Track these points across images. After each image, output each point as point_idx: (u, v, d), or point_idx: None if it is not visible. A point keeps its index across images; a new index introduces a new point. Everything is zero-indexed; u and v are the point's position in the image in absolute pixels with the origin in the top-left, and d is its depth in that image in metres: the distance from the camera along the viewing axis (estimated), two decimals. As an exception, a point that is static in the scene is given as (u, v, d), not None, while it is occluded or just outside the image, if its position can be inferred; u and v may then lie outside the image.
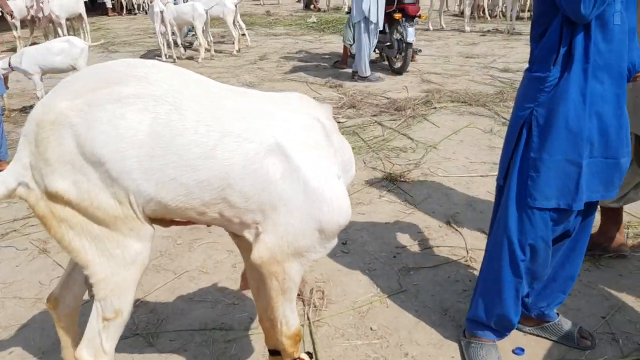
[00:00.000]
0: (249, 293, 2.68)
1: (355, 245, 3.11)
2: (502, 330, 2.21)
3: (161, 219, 1.64)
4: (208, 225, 1.75)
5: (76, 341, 1.98)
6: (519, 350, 2.25)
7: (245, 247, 1.69)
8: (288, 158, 1.54)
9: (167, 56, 9.02)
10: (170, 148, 1.46)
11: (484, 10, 12.79)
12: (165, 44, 8.95)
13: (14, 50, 9.82)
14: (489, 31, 10.94)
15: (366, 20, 6.90)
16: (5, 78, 5.70)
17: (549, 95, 1.90)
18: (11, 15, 8.60)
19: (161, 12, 8.63)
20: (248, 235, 1.63)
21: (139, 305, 2.61)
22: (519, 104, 2.02)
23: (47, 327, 2.43)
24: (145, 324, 2.46)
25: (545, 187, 1.94)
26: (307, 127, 1.62)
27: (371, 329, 2.42)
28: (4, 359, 2.28)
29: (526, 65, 2.04)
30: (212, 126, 1.50)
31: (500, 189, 2.13)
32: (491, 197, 3.69)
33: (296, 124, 1.61)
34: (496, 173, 2.17)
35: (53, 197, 1.50)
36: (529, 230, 2.00)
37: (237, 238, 1.76)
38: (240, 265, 2.93)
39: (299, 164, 1.54)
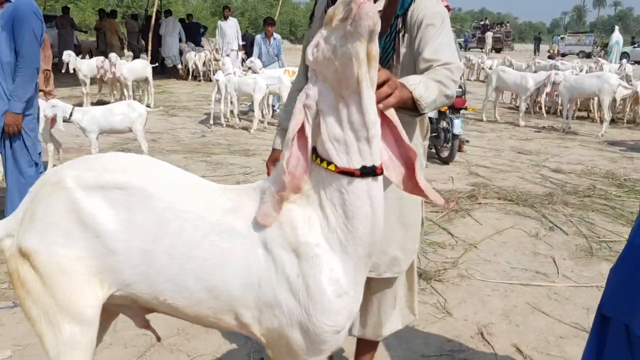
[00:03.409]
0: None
1: (378, 348, 2.93)
2: None
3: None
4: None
5: None
6: None
7: None
8: (270, 254, 1.48)
9: (223, 123, 9.37)
10: (159, 245, 1.49)
11: (540, 106, 12.50)
12: (221, 112, 9.34)
13: (80, 105, 10.36)
14: (544, 127, 10.70)
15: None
16: (52, 119, 5.74)
17: None
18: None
19: (218, 80, 9.14)
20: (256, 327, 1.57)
21: (146, 387, 2.51)
22: None
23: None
24: (147, 411, 2.35)
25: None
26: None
27: None
28: None
29: (580, 167, 1.94)
30: (199, 225, 1.50)
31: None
32: (530, 309, 3.48)
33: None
34: (538, 283, 2.01)
35: (24, 254, 1.51)
36: None
37: None
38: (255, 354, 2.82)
39: (280, 260, 1.48)
